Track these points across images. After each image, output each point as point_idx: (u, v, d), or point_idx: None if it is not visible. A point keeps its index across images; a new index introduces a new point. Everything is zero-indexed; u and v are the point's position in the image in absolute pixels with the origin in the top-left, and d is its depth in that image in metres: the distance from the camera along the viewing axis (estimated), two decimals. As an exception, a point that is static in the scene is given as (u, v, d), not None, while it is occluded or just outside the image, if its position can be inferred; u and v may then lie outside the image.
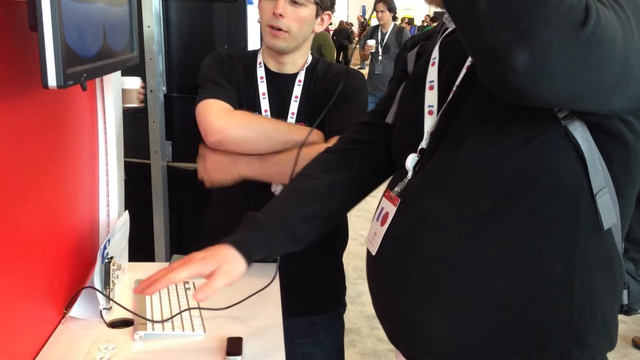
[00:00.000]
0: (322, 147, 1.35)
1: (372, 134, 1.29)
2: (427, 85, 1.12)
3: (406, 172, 1.11)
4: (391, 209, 1.10)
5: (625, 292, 1.10)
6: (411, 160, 1.10)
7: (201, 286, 1.06)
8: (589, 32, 0.73)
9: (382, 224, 1.12)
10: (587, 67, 0.76)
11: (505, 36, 0.75)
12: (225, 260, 1.11)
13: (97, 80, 1.47)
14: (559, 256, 0.97)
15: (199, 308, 1.34)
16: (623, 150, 0.94)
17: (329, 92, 1.60)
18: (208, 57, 1.65)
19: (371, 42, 6.18)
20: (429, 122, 1.09)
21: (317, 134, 1.55)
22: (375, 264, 1.15)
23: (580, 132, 0.92)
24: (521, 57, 0.75)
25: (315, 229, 1.24)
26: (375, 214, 1.16)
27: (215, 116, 1.51)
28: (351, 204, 1.28)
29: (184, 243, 2.54)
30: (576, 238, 0.96)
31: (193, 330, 1.25)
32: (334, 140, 1.37)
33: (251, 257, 1.14)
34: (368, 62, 6.79)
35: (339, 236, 1.78)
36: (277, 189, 1.59)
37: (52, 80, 0.84)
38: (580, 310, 0.97)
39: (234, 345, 1.20)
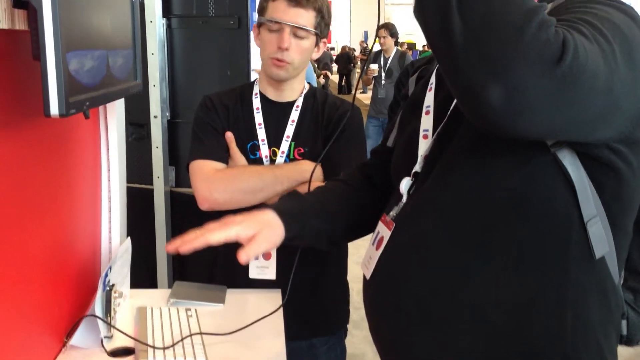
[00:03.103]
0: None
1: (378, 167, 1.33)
2: (424, 110, 1.13)
3: (401, 196, 1.11)
4: (386, 233, 1.11)
5: (624, 322, 1.08)
6: (405, 184, 1.11)
7: (243, 248, 1.06)
8: (565, 68, 0.73)
9: (377, 248, 1.12)
10: (566, 102, 0.76)
11: (480, 72, 0.76)
12: (266, 225, 1.12)
13: (101, 107, 1.48)
14: (550, 284, 0.95)
15: (201, 333, 1.33)
16: (614, 178, 0.93)
17: (329, 122, 1.65)
18: (199, 104, 1.70)
19: (374, 67, 6.23)
20: (424, 146, 1.10)
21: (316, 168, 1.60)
22: (369, 288, 1.15)
23: (569, 160, 0.91)
24: (496, 94, 0.75)
25: (346, 229, 1.27)
26: (371, 238, 1.16)
27: (200, 183, 1.58)
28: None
29: (187, 269, 2.54)
30: (567, 266, 0.95)
31: (195, 359, 1.24)
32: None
33: (289, 228, 1.15)
34: (371, 86, 6.84)
35: (342, 259, 1.78)
36: None
37: (54, 109, 0.84)
38: (573, 339, 0.96)
39: (236, 374, 1.18)
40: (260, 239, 1.10)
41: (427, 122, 1.11)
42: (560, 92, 0.74)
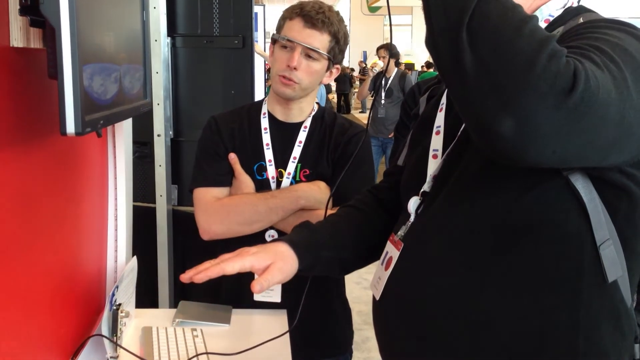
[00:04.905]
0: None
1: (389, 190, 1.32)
2: (434, 129, 1.13)
3: (409, 216, 1.11)
4: (395, 253, 1.10)
5: (637, 346, 1.07)
6: (413, 203, 1.10)
7: (258, 279, 1.08)
8: (576, 99, 0.73)
9: (386, 269, 1.11)
10: (578, 132, 0.76)
11: (490, 102, 0.76)
12: (279, 257, 1.13)
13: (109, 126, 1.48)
14: (562, 308, 0.95)
15: (207, 353, 1.31)
16: (627, 202, 0.93)
17: (337, 144, 1.65)
18: (204, 126, 1.70)
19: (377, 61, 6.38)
20: (433, 166, 1.10)
21: (323, 186, 1.60)
22: (379, 309, 1.14)
23: (581, 183, 0.91)
24: (507, 124, 0.75)
25: (359, 257, 1.27)
26: (380, 259, 1.16)
27: (200, 215, 1.61)
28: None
29: (188, 289, 2.51)
30: (580, 290, 0.94)
31: (202, 379, 1.23)
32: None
33: (302, 259, 1.16)
34: (369, 105, 6.91)
35: (342, 278, 1.77)
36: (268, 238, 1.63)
37: (70, 128, 0.84)
38: None
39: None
40: (273, 270, 1.10)
41: (437, 142, 1.11)
42: (572, 122, 0.74)
